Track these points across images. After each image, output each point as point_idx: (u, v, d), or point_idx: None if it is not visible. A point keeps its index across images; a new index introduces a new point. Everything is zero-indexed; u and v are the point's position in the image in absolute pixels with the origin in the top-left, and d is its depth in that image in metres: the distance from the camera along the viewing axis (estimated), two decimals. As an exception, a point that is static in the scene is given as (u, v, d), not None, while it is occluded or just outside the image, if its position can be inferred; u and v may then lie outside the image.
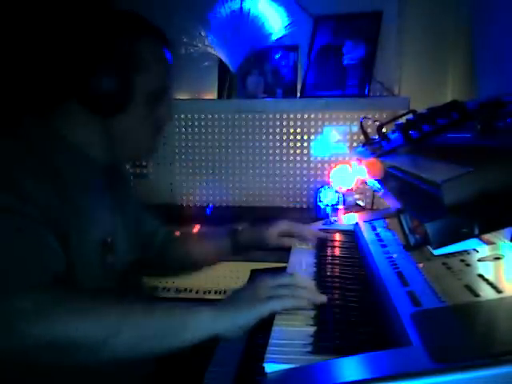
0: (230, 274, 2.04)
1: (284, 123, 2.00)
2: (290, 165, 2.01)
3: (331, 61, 1.84)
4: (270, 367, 0.61)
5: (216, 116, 2.03)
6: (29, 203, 0.78)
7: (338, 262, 1.06)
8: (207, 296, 1.98)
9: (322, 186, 1.92)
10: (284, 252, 1.19)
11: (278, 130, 2.00)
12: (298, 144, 2.00)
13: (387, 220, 1.28)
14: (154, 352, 0.75)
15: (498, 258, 0.81)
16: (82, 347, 0.68)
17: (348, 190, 1.71)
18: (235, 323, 0.74)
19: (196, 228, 1.74)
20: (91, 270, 0.90)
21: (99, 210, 0.97)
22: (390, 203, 0.85)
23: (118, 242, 0.99)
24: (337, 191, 1.84)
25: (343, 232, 1.33)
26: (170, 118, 1.00)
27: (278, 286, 0.80)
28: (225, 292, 2.00)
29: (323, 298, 0.80)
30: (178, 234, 1.30)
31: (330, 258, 1.10)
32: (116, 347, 0.70)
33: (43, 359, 0.70)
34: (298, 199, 2.03)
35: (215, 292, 2.00)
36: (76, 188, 0.91)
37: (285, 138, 2.00)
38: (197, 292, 2.01)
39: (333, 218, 1.52)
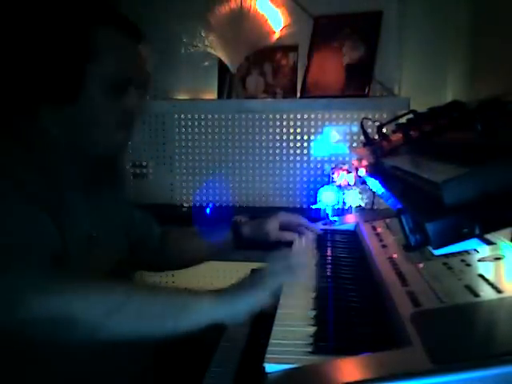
0: (230, 274, 2.04)
1: (284, 123, 1.99)
2: (290, 165, 2.01)
3: (331, 61, 1.83)
4: (270, 367, 0.61)
5: (216, 116, 2.03)
6: (27, 193, 0.81)
7: (338, 262, 1.06)
8: (207, 296, 1.98)
9: (321, 186, 1.92)
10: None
11: (277, 130, 2.00)
12: (298, 144, 1.99)
13: (387, 220, 1.28)
14: (153, 334, 0.74)
15: (498, 259, 0.81)
16: (83, 323, 0.68)
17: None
18: (236, 308, 0.75)
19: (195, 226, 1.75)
20: (79, 264, 0.91)
21: (86, 205, 0.98)
22: (390, 203, 0.85)
23: (104, 238, 1.00)
24: (338, 190, 1.84)
25: (343, 232, 1.33)
26: (139, 111, 0.96)
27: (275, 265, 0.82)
28: (225, 292, 2.00)
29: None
30: (174, 232, 1.30)
31: (330, 258, 1.10)
32: (117, 325, 0.70)
33: (42, 335, 0.70)
34: (298, 199, 2.03)
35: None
36: (65, 184, 0.93)
37: (285, 137, 2.00)
38: (197, 292, 2.01)
39: (333, 218, 1.52)
